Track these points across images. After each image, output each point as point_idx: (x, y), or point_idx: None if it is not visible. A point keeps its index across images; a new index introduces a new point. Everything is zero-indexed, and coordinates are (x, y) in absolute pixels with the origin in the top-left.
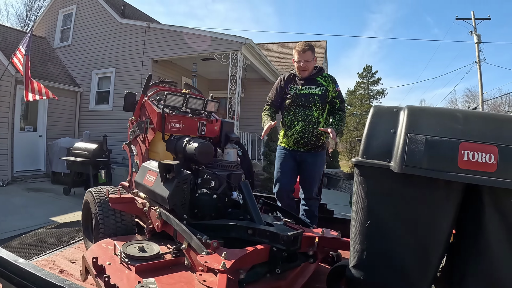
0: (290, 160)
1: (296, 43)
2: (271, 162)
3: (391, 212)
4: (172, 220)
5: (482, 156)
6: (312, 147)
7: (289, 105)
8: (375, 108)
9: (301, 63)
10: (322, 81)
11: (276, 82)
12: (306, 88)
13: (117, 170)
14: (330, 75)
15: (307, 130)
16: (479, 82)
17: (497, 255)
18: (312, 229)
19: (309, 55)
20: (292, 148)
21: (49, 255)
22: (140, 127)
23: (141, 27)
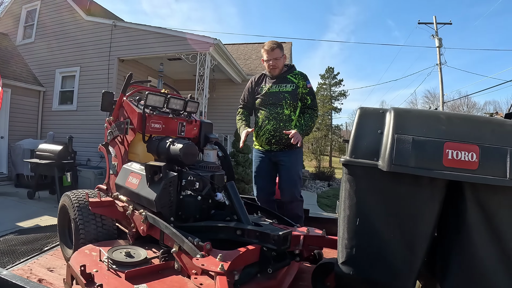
0: (266, 162)
1: (264, 43)
2: (238, 163)
3: (379, 209)
4: (161, 223)
5: (465, 155)
6: (285, 146)
7: (259, 104)
8: (362, 110)
9: (271, 61)
10: (292, 79)
11: (248, 83)
12: (276, 87)
13: (84, 172)
14: (301, 72)
15: (278, 129)
16: (440, 84)
17: (479, 247)
18: (296, 228)
19: (277, 53)
20: (265, 148)
21: (24, 264)
22: (120, 127)
23: (107, 25)
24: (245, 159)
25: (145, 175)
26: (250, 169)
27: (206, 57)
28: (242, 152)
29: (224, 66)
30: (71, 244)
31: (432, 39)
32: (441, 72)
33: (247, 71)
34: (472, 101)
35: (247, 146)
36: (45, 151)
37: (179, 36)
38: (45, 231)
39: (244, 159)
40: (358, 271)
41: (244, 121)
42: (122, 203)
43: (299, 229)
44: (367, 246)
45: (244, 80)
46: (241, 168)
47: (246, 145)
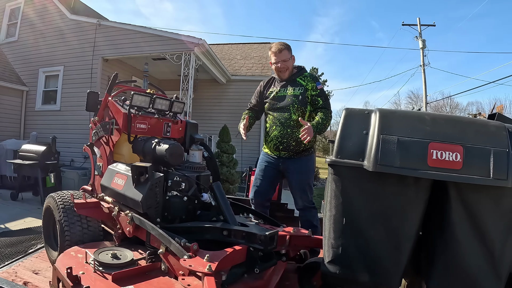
0: (271, 169)
1: (271, 44)
2: (222, 163)
3: (364, 209)
4: (147, 224)
5: (449, 155)
6: (293, 153)
7: (268, 108)
8: (347, 111)
9: (279, 64)
10: (301, 81)
11: (257, 88)
12: (284, 90)
13: (67, 173)
14: (311, 73)
15: (285, 135)
16: (423, 85)
17: (462, 244)
18: (282, 228)
19: (285, 54)
20: (274, 154)
21: (9, 266)
22: (105, 128)
23: (92, 24)
24: (229, 159)
25: (130, 175)
26: (235, 170)
27: (191, 57)
28: (227, 153)
29: (209, 66)
30: (56, 246)
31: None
32: (424, 73)
33: (231, 71)
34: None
35: (232, 146)
36: (28, 151)
37: (164, 36)
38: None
39: (229, 160)
40: (344, 270)
41: (243, 119)
42: (108, 204)
43: (285, 229)
44: (352, 246)
45: (229, 80)
46: (226, 168)
47: (230, 146)
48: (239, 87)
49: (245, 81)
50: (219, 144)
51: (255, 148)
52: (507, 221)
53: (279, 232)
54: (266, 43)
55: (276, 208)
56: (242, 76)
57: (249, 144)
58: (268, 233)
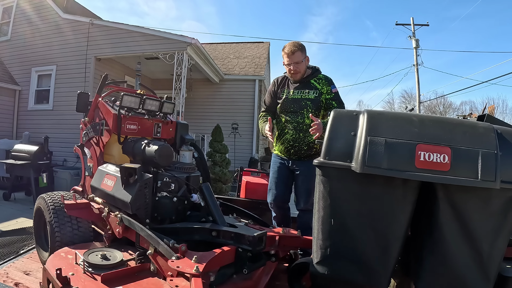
0: (284, 170)
1: (284, 45)
2: (215, 162)
3: (353, 210)
4: (136, 225)
5: (437, 157)
6: (304, 156)
7: (280, 111)
8: (335, 112)
9: (291, 66)
10: (316, 84)
11: (270, 86)
12: (298, 93)
13: (60, 173)
14: (326, 76)
15: (298, 139)
16: (417, 84)
17: (451, 245)
18: (272, 228)
19: (298, 56)
20: (284, 156)
21: (0, 267)
22: (95, 129)
23: (85, 23)
24: (222, 158)
25: (120, 177)
26: (228, 169)
27: (183, 56)
28: (219, 152)
29: (202, 65)
30: (47, 247)
31: (410, 40)
32: (417, 72)
33: (225, 71)
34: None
35: (224, 146)
36: (21, 151)
37: (157, 35)
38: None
39: (221, 159)
40: (333, 271)
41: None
42: (98, 205)
43: (274, 230)
44: (341, 247)
45: (222, 79)
46: (218, 168)
47: (223, 145)
48: (232, 86)
49: (238, 81)
50: (212, 144)
51: (247, 147)
52: (495, 222)
53: (268, 232)
54: (260, 43)
55: (267, 208)
56: (235, 75)
57: (241, 144)
58: (257, 234)
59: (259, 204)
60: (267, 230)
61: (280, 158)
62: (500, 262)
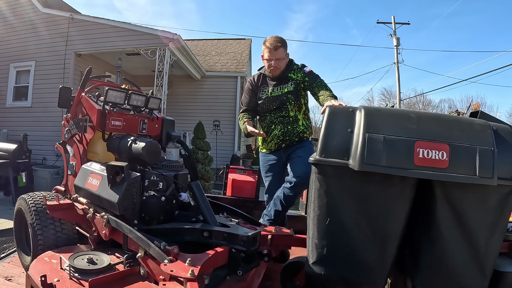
0: (277, 165)
1: (266, 39)
2: (197, 160)
3: (350, 208)
4: (124, 227)
5: (436, 154)
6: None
7: (263, 110)
8: (331, 109)
9: (272, 61)
10: (292, 75)
11: (246, 85)
12: (278, 89)
13: (39, 172)
14: (298, 64)
15: (287, 132)
16: (397, 82)
17: (448, 242)
18: (263, 227)
19: (281, 52)
20: (276, 151)
21: None
22: (78, 125)
23: (65, 17)
24: (204, 156)
25: (106, 175)
26: (210, 166)
27: (165, 52)
28: (202, 149)
29: (184, 62)
30: (29, 250)
31: (390, 38)
32: (398, 70)
33: (206, 67)
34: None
35: (207, 143)
36: None
37: (139, 31)
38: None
39: (204, 156)
40: (329, 270)
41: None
42: (82, 205)
43: (266, 229)
44: (338, 245)
45: (204, 76)
46: (201, 166)
47: (205, 143)
48: (214, 83)
49: (220, 77)
50: (194, 141)
51: (229, 145)
52: (492, 218)
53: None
54: (241, 39)
55: (254, 206)
56: (217, 72)
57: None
58: (251, 233)
59: (246, 202)
60: (260, 229)
61: (271, 155)
62: (496, 257)
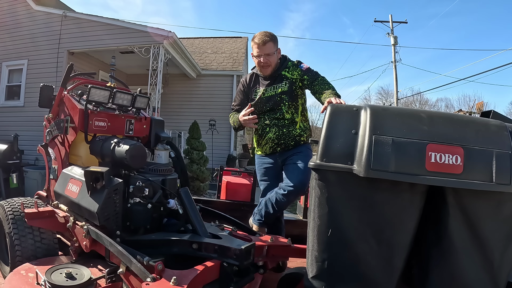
0: (273, 168)
1: (254, 35)
2: (192, 160)
3: (354, 218)
4: (104, 239)
5: (449, 158)
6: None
7: (256, 112)
8: (333, 107)
9: (262, 58)
10: (287, 74)
11: (239, 86)
12: (272, 89)
13: (30, 173)
14: (293, 61)
15: (282, 136)
16: (395, 81)
17: (460, 254)
18: (258, 236)
19: (270, 47)
20: (271, 154)
21: None
22: (59, 126)
23: (58, 15)
24: (199, 156)
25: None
26: (205, 167)
27: (160, 50)
28: (197, 149)
29: (179, 60)
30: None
31: (388, 37)
32: (395, 69)
33: (202, 66)
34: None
35: (202, 143)
36: None
37: (132, 28)
38: None
39: (199, 156)
40: (331, 285)
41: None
42: (63, 212)
43: (262, 238)
44: (340, 259)
45: (199, 75)
46: (196, 166)
47: (200, 142)
48: (209, 82)
49: (216, 76)
50: (189, 141)
51: (225, 144)
52: (507, 228)
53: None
54: (238, 38)
55: (249, 210)
56: (213, 70)
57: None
58: (244, 246)
59: (241, 206)
60: (254, 239)
61: (266, 158)
62: (510, 270)
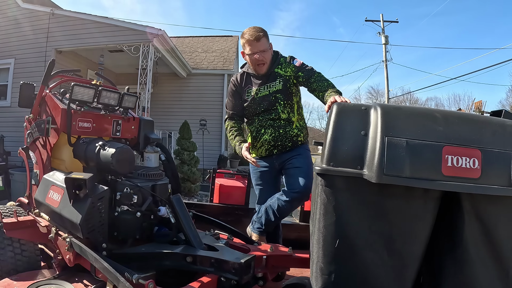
0: (269, 172)
1: (243, 31)
2: (183, 161)
3: (363, 227)
4: (89, 254)
5: (466, 161)
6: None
7: (249, 114)
8: (340, 106)
9: (256, 55)
10: (279, 71)
11: (229, 88)
12: (265, 88)
13: (16, 176)
14: (285, 57)
15: (279, 137)
16: (386, 80)
17: (475, 263)
18: (257, 245)
19: (264, 43)
20: (267, 157)
21: None
22: (40, 127)
23: (45, 13)
24: (190, 157)
25: None
26: (196, 168)
27: (149, 49)
28: (188, 150)
29: (169, 59)
30: None
31: (379, 36)
32: (386, 68)
33: (192, 65)
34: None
35: (193, 143)
36: None
37: (121, 26)
38: None
39: (190, 157)
40: None
41: (237, 135)
42: (45, 222)
43: (261, 248)
44: (349, 271)
45: (190, 74)
46: (187, 167)
47: (191, 143)
48: (200, 81)
49: (206, 75)
50: (180, 141)
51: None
52: None
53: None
54: (228, 36)
55: (244, 214)
56: (204, 69)
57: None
58: (244, 259)
59: (236, 210)
60: (252, 248)
61: (262, 161)
62: None
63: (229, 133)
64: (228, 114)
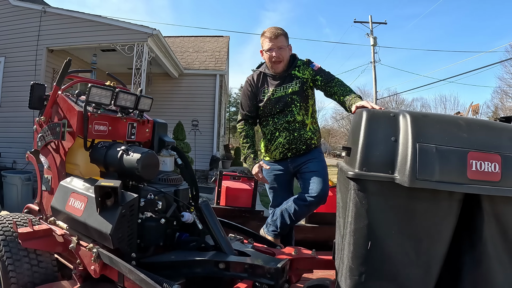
0: (283, 175)
1: (264, 31)
2: None
3: (394, 229)
4: (121, 265)
5: (488, 166)
6: (304, 152)
7: (264, 113)
8: (370, 113)
9: (274, 51)
10: (297, 73)
11: (244, 88)
12: (281, 89)
13: (9, 178)
14: (303, 60)
15: (293, 140)
16: (374, 81)
17: (494, 262)
18: (280, 249)
19: (282, 40)
20: (281, 160)
21: None
22: (54, 131)
23: (37, 11)
24: None
25: (92, 197)
26: None
27: (144, 48)
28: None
29: (162, 59)
30: None
31: (367, 37)
32: (375, 70)
33: (184, 65)
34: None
35: (187, 144)
36: None
37: (115, 25)
38: None
39: None
40: None
41: (248, 146)
42: (62, 230)
43: (284, 251)
44: (378, 271)
45: (181, 74)
46: None
47: (185, 144)
48: (192, 81)
49: (198, 75)
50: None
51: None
52: None
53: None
54: (220, 37)
55: (250, 216)
56: (195, 70)
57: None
58: (280, 264)
59: (243, 212)
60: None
61: (275, 164)
62: None
63: (240, 139)
64: (242, 115)
